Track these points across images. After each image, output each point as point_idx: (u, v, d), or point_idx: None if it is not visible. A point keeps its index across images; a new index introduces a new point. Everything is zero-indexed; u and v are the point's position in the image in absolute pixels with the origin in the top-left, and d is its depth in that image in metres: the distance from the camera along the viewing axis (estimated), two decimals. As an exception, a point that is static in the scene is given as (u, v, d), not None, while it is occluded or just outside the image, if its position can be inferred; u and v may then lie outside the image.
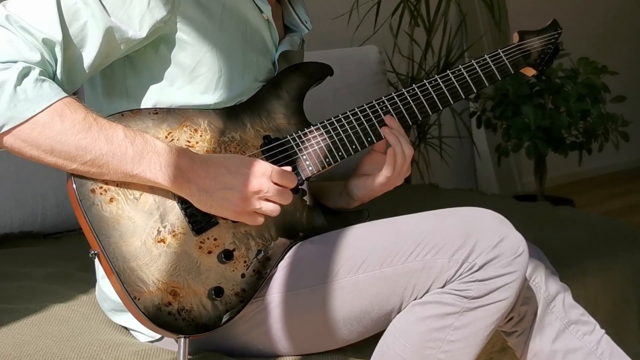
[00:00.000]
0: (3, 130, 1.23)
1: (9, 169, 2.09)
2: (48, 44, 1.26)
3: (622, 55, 4.89)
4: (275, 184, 1.35)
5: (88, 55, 1.31)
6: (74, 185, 1.29)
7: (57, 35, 1.27)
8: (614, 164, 5.01)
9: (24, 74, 1.23)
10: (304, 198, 1.47)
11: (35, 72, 1.24)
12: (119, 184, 1.31)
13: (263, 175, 1.33)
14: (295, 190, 1.42)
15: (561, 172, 4.46)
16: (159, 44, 1.38)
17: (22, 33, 1.25)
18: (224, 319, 1.35)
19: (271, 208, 1.35)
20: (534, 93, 3.36)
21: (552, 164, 3.75)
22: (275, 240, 1.42)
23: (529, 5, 4.25)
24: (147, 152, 1.29)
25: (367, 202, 1.55)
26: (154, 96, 1.40)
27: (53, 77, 1.29)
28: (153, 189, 1.32)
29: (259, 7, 1.46)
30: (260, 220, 1.36)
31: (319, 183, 1.61)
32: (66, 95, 1.26)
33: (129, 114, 1.35)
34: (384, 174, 1.48)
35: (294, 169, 1.43)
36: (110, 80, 1.42)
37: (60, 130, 1.24)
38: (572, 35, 2.76)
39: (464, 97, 1.57)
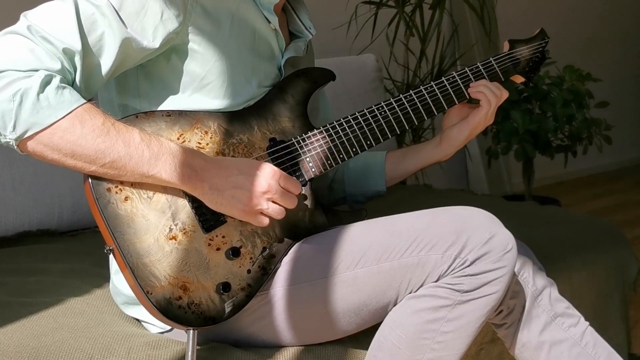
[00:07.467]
0: (26, 136, 1.22)
1: (28, 170, 2.09)
2: (68, 53, 1.26)
3: (605, 63, 4.89)
4: (282, 187, 1.35)
5: (105, 64, 1.30)
6: (91, 185, 1.29)
7: (76, 45, 1.26)
8: (597, 166, 5.01)
9: (45, 82, 1.22)
10: (307, 198, 1.47)
11: (56, 80, 1.23)
12: (133, 183, 1.31)
13: (272, 177, 1.34)
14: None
15: (548, 173, 4.46)
16: (170, 54, 1.38)
17: (43, 43, 1.24)
18: (230, 312, 1.35)
19: (277, 210, 1.35)
20: (522, 99, 3.36)
21: (539, 166, 3.76)
22: (280, 238, 1.42)
23: (518, 15, 4.25)
24: (163, 154, 1.29)
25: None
26: (166, 102, 1.40)
27: (72, 85, 1.28)
28: (165, 188, 1.33)
29: (266, 18, 1.47)
30: (266, 221, 1.36)
31: (404, 150, 1.67)
32: (85, 101, 1.26)
33: (143, 116, 1.35)
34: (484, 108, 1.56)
35: (298, 170, 1.44)
36: (123, 87, 1.42)
37: (81, 134, 1.24)
38: (557, 44, 2.76)
39: (457, 102, 1.56)
